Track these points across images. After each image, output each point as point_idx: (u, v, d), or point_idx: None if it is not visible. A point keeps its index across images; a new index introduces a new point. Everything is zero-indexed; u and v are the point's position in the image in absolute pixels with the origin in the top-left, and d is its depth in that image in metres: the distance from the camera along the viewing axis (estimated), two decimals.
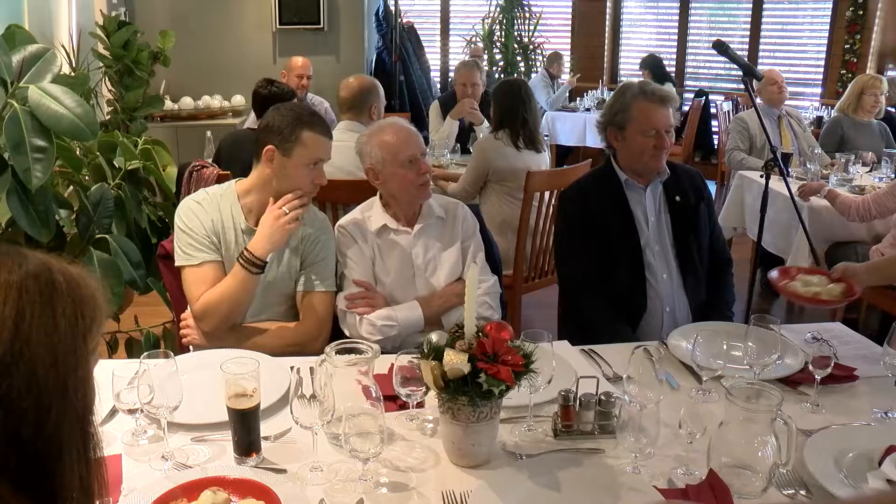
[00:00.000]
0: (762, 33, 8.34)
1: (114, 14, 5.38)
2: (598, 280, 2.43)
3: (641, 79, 7.36)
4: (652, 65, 7.89)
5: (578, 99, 8.10)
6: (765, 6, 8.29)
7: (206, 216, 2.17)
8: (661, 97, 2.42)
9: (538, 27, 9.00)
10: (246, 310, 2.18)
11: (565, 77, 8.31)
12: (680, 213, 2.52)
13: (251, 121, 4.31)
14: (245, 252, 2.10)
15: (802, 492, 1.45)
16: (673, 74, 8.41)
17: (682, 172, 2.59)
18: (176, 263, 2.18)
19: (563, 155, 7.99)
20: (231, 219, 2.19)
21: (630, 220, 2.47)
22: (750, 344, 1.82)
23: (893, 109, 5.82)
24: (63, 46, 4.82)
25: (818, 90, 8.06)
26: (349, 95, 3.77)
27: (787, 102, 5.16)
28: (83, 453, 0.89)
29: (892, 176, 4.37)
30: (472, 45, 8.88)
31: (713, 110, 7.70)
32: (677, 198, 2.52)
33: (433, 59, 8.95)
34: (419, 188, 2.30)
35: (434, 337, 1.52)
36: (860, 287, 2.19)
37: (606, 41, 9.13)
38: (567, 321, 2.62)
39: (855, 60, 7.65)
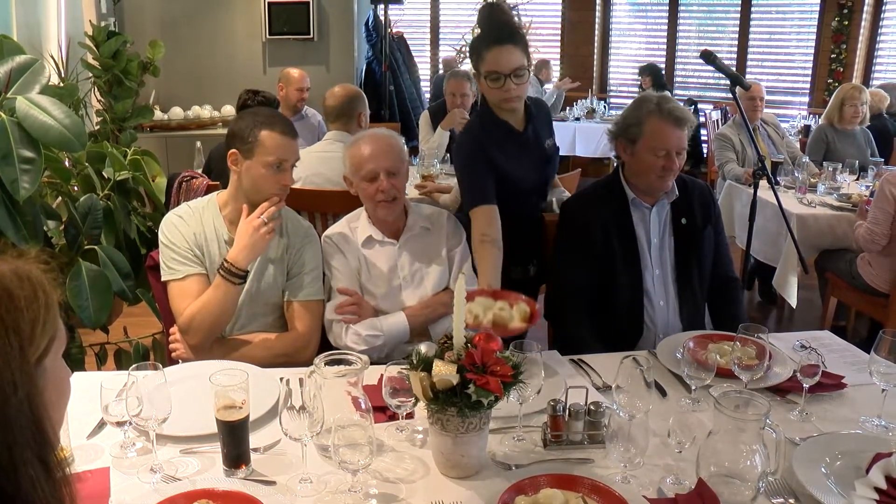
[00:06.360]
0: (750, 43, 8.41)
1: (103, 24, 5.37)
2: (592, 297, 2.38)
3: (660, 93, 7.38)
4: (653, 72, 7.97)
5: (568, 108, 8.14)
6: (752, 16, 8.37)
7: (189, 230, 2.17)
8: (676, 118, 2.32)
9: (528, 37, 9.02)
10: (229, 321, 2.18)
11: (555, 82, 8.35)
12: (684, 237, 2.43)
13: None
14: (225, 263, 2.09)
15: (791, 500, 1.46)
16: None
17: (693, 188, 2.50)
18: (162, 279, 2.18)
19: None
20: (213, 230, 2.19)
21: (632, 242, 2.39)
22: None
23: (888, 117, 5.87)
24: (52, 57, 4.81)
25: (806, 99, 8.13)
26: (335, 104, 3.71)
27: (774, 111, 5.19)
28: (45, 478, 0.81)
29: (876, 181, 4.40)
30: (461, 55, 8.90)
31: (702, 119, 7.75)
32: (683, 220, 2.44)
33: (423, 68, 8.97)
34: (378, 204, 2.27)
35: (423, 348, 1.52)
36: None
37: (596, 50, 9.18)
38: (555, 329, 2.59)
39: (841, 69, 7.73)
